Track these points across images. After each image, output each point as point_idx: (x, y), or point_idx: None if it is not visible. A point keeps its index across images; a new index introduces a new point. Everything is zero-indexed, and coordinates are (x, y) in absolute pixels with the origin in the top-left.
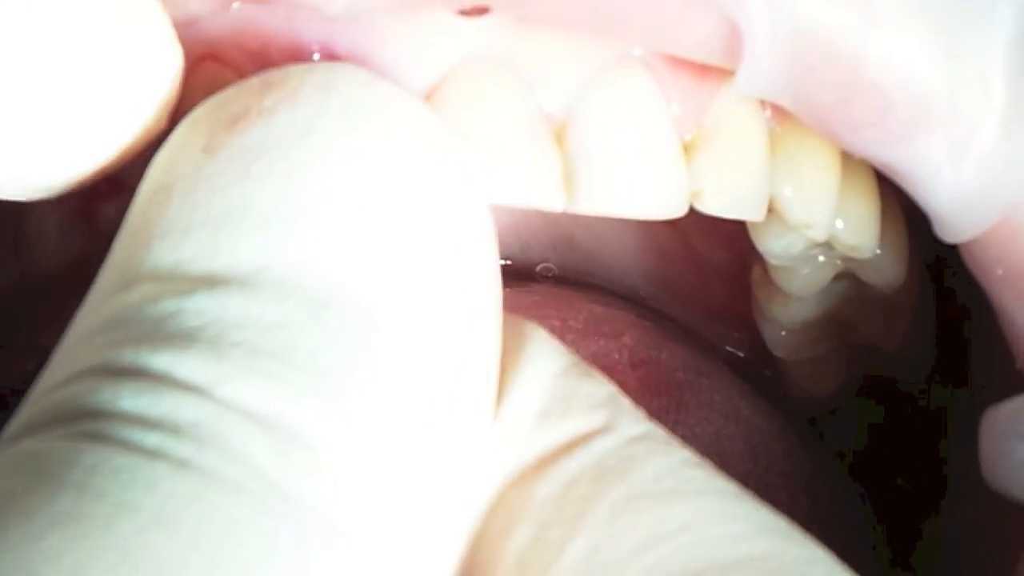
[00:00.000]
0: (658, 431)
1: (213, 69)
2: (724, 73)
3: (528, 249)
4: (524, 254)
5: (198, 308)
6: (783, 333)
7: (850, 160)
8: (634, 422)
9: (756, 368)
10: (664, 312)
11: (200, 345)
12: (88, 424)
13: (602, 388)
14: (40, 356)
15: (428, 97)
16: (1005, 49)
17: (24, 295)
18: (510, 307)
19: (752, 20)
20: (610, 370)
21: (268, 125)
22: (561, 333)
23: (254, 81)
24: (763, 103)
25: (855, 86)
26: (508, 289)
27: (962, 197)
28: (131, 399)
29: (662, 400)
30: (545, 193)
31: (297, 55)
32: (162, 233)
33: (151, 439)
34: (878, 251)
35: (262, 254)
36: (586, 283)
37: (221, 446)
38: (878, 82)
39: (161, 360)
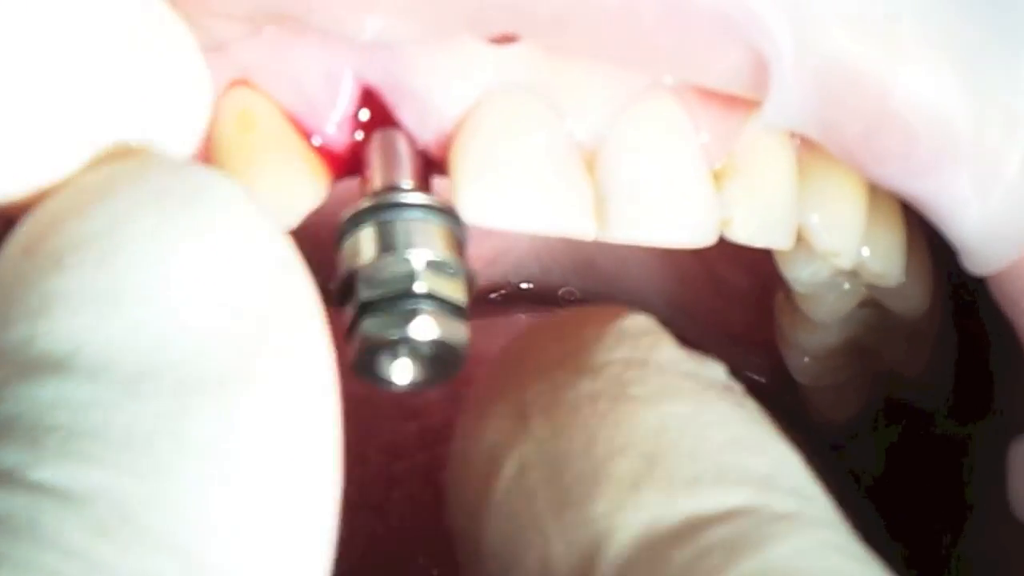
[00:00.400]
0: (810, 510)
1: (244, 94)
2: (753, 102)
3: (549, 273)
4: (545, 278)
5: (14, 395)
6: (806, 359)
7: (876, 189)
8: (785, 498)
9: (777, 394)
10: (685, 337)
11: (16, 432)
12: None
13: (762, 462)
14: None
15: (459, 125)
16: None
17: None
18: None
19: (780, 52)
20: None
21: (82, 220)
22: None
23: (69, 189)
24: (792, 132)
25: (882, 118)
26: (529, 314)
27: (988, 229)
28: None
29: None
30: (576, 222)
31: (330, 81)
32: None
33: None
34: (903, 279)
35: (75, 337)
36: None
37: (34, 535)
38: (905, 114)
39: None
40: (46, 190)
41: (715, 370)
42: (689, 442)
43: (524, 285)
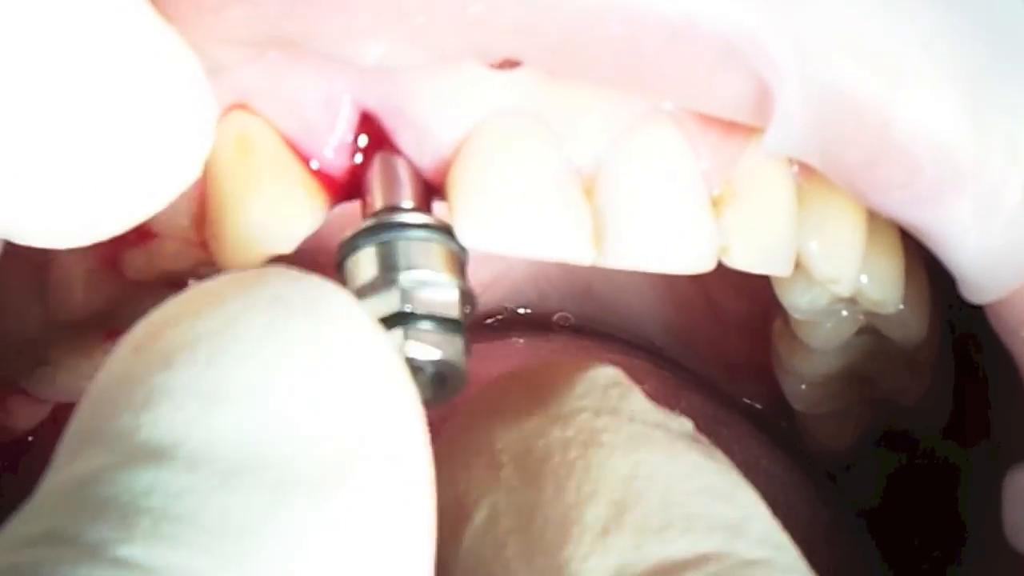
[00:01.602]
0: (780, 558)
1: (242, 118)
2: (752, 128)
3: (546, 298)
4: (542, 303)
5: (112, 479)
6: (803, 386)
7: (875, 216)
8: (753, 546)
9: (774, 420)
10: (682, 363)
11: (110, 511)
12: None
13: (731, 510)
14: (58, 402)
15: (457, 150)
16: None
17: (47, 341)
18: (527, 356)
19: (783, 80)
20: None
21: (195, 321)
22: None
23: (186, 293)
24: (790, 159)
25: (883, 147)
26: (526, 339)
27: (988, 258)
28: (36, 565)
29: None
30: (574, 247)
31: (329, 106)
32: (88, 418)
33: None
34: (901, 307)
35: (177, 430)
36: (603, 333)
37: None
38: (906, 144)
39: (73, 527)
40: (87, 219)
41: (683, 423)
42: (660, 489)
43: (521, 310)
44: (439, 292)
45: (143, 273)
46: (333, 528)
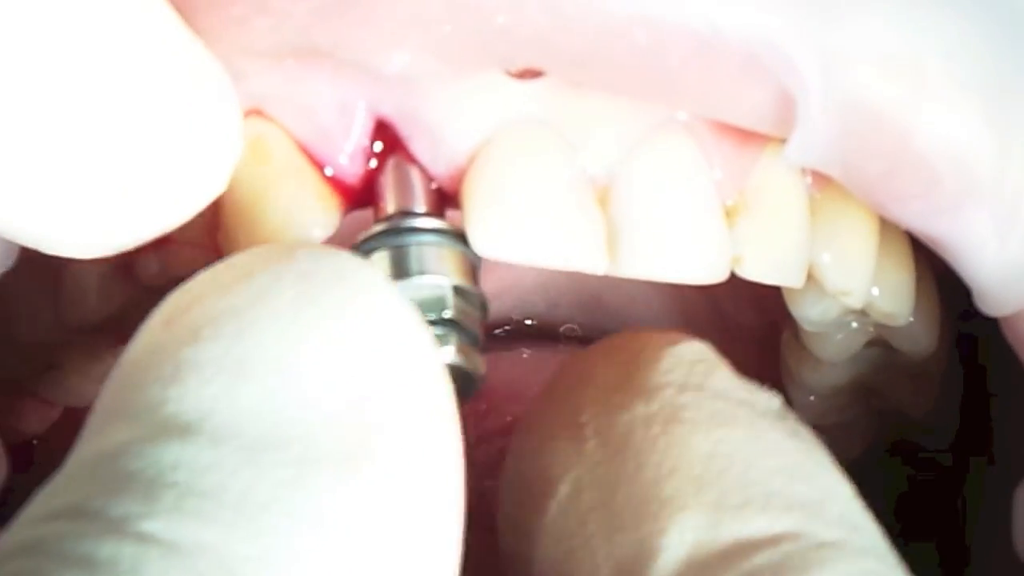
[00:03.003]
0: (857, 539)
1: (258, 124)
2: (766, 139)
3: (555, 308)
4: (550, 313)
5: (137, 453)
6: (812, 398)
7: (887, 228)
8: (831, 527)
9: None
10: None
11: (133, 486)
12: (23, 562)
13: (811, 490)
14: (68, 406)
15: (471, 158)
16: None
17: (59, 345)
18: (534, 367)
19: (807, 91)
20: None
21: (223, 296)
22: None
23: (215, 267)
24: (803, 170)
25: (904, 157)
26: (532, 350)
27: (1006, 271)
28: (59, 539)
29: None
30: (587, 256)
31: (344, 112)
32: (117, 392)
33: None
34: (911, 319)
35: (203, 405)
36: None
37: None
38: (926, 154)
39: (96, 501)
40: (114, 232)
41: (770, 400)
42: (739, 468)
43: (528, 321)
44: (451, 297)
45: (157, 278)
46: (357, 505)
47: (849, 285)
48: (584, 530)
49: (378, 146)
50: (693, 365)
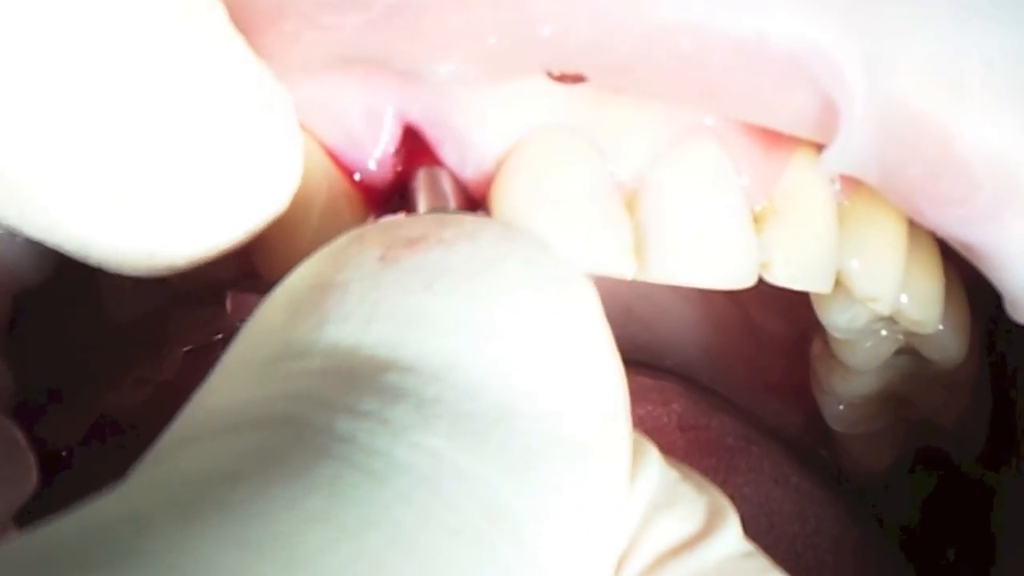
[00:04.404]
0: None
1: None
2: (795, 144)
3: None
4: None
5: (396, 380)
6: (841, 407)
7: (916, 235)
8: (735, 540)
9: (811, 442)
10: (716, 389)
11: (407, 403)
12: (326, 439)
13: (703, 497)
14: (99, 415)
15: (500, 163)
16: None
17: (89, 353)
18: None
19: (851, 96)
20: (658, 432)
21: (449, 252)
22: None
23: (427, 216)
24: (833, 176)
25: (944, 163)
26: None
27: None
28: (352, 428)
29: (711, 461)
30: (615, 261)
31: (372, 118)
32: (338, 319)
33: (378, 466)
34: (940, 327)
35: (450, 356)
36: (634, 360)
37: (435, 491)
38: (967, 160)
39: (372, 404)
40: (166, 251)
41: None
42: None
43: None
44: None
45: (187, 284)
46: (583, 490)
47: (877, 291)
48: None
49: (406, 152)
50: None
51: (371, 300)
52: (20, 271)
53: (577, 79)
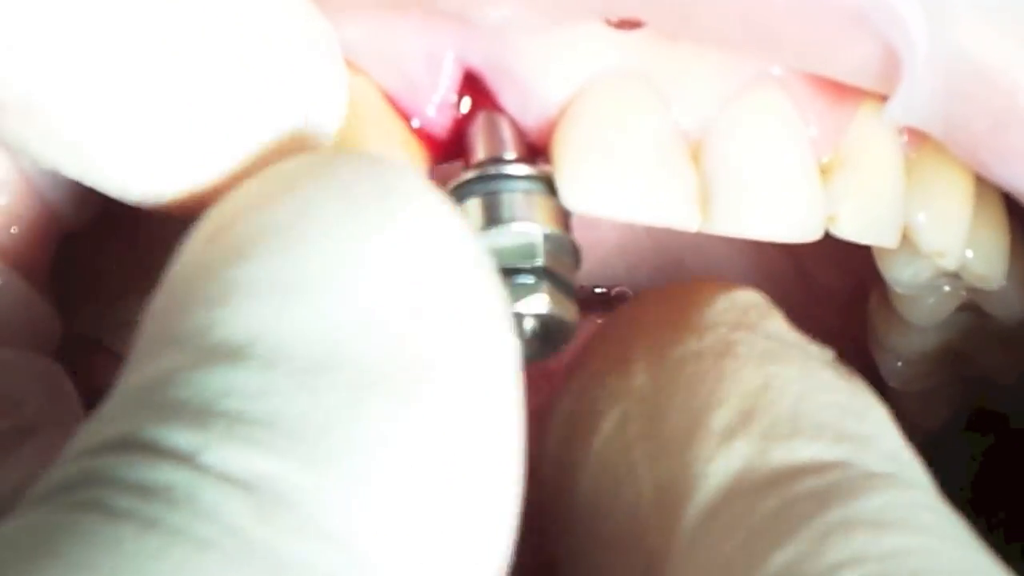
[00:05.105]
0: (905, 473)
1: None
2: (862, 95)
3: (635, 271)
4: (630, 276)
5: (186, 381)
6: (899, 364)
7: (982, 190)
8: (881, 460)
9: None
10: None
11: (184, 415)
12: (80, 494)
13: (861, 426)
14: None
15: (563, 111)
16: None
17: (134, 298)
18: None
19: (913, 46)
20: None
21: (267, 210)
22: None
23: (256, 179)
24: (900, 128)
25: (1010, 115)
26: (610, 313)
27: None
28: (112, 468)
29: None
30: (680, 213)
31: (432, 63)
32: (162, 316)
33: (123, 503)
34: (1004, 282)
35: (253, 327)
36: None
37: (194, 507)
38: None
39: (148, 431)
40: (207, 189)
41: (823, 351)
42: (790, 400)
43: (599, 290)
44: (542, 244)
45: None
46: (415, 431)
47: (944, 246)
48: (629, 458)
49: (466, 98)
50: (747, 309)
51: (190, 287)
52: (63, 214)
53: (635, 25)
